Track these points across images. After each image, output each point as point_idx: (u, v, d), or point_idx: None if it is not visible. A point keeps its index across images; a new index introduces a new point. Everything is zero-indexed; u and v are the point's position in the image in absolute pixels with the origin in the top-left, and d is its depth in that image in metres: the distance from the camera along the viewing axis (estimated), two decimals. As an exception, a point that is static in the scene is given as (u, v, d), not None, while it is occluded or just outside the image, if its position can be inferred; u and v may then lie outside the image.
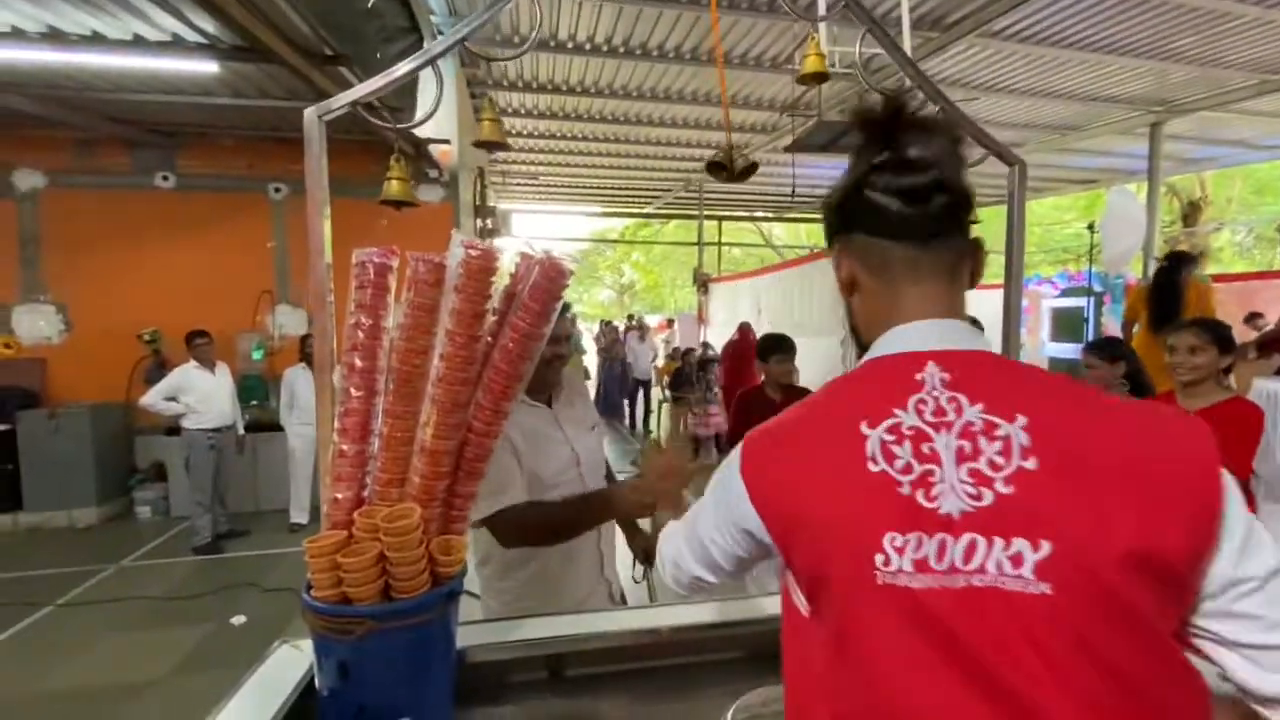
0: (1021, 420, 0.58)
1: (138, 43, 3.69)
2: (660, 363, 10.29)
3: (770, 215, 15.73)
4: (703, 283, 11.69)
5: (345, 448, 1.02)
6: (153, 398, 4.67)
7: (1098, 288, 9.63)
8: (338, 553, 0.92)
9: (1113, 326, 7.88)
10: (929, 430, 0.59)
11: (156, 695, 2.93)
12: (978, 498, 0.56)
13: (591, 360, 12.25)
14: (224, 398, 4.86)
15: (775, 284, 9.55)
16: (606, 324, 11.86)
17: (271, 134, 5.68)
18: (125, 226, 5.82)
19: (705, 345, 10.19)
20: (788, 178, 8.28)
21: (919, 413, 0.60)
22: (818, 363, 7.87)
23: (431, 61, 1.05)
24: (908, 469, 0.58)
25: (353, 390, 1.02)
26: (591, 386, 11.39)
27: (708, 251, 13.06)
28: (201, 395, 4.72)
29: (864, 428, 0.60)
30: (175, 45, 3.72)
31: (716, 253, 15.13)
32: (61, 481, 5.28)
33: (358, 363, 1.02)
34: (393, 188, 1.12)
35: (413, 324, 0.99)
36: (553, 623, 1.27)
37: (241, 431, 5.08)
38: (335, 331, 1.08)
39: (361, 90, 1.04)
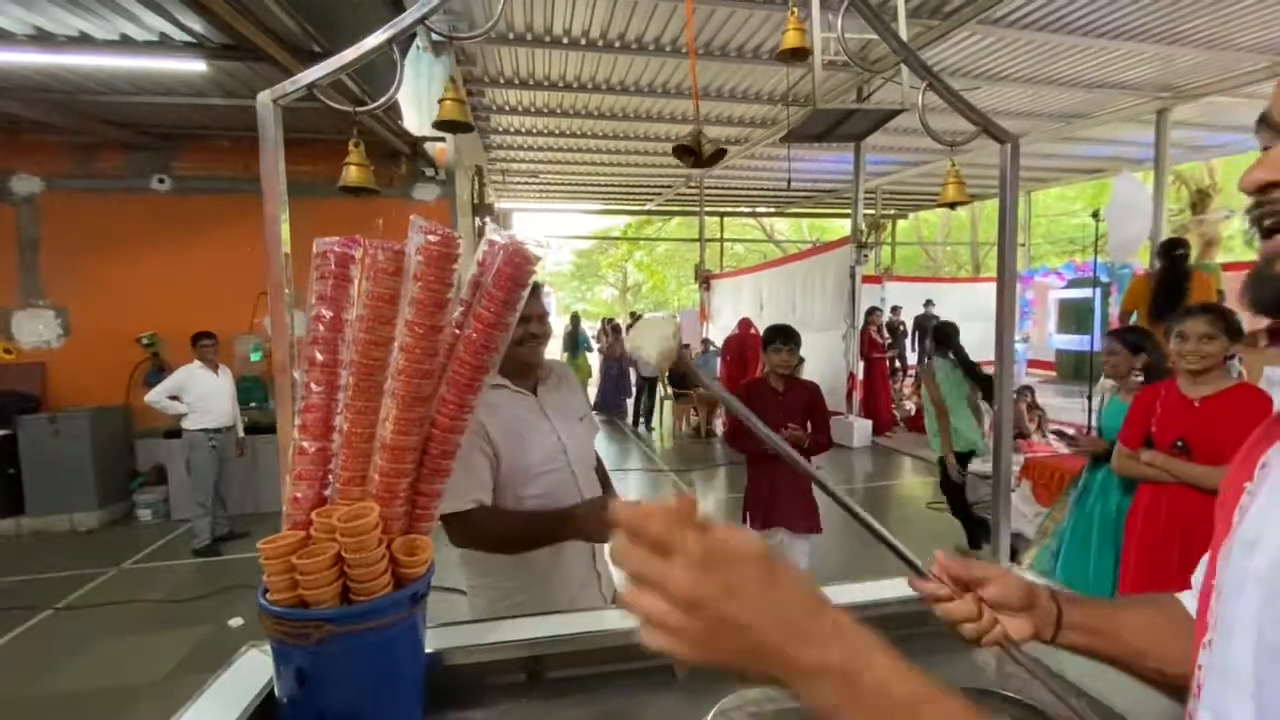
0: None
1: (125, 43, 3.68)
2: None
3: (772, 210, 15.66)
4: (704, 279, 11.64)
5: (306, 445, 0.98)
6: (156, 395, 4.71)
7: (1104, 278, 9.52)
8: (293, 554, 0.88)
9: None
10: None
11: (155, 698, 2.92)
12: None
13: (594, 358, 12.20)
14: (224, 399, 4.87)
15: (778, 278, 9.50)
16: (608, 321, 11.82)
17: (267, 134, 5.65)
18: (123, 230, 5.82)
19: (706, 342, 10.15)
20: (788, 171, 8.22)
21: None
22: (820, 356, 7.82)
23: (391, 42, 1.01)
24: None
25: (313, 385, 0.98)
26: (593, 385, 11.35)
27: (710, 248, 13.01)
28: (202, 395, 4.74)
29: None
30: (163, 45, 3.70)
31: (719, 249, 15.08)
32: (63, 485, 5.28)
33: (318, 356, 0.98)
34: (351, 173, 1.08)
35: (373, 315, 0.95)
36: (532, 624, 1.23)
37: (242, 433, 5.08)
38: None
39: (318, 72, 1.00)
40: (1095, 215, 6.10)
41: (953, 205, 1.32)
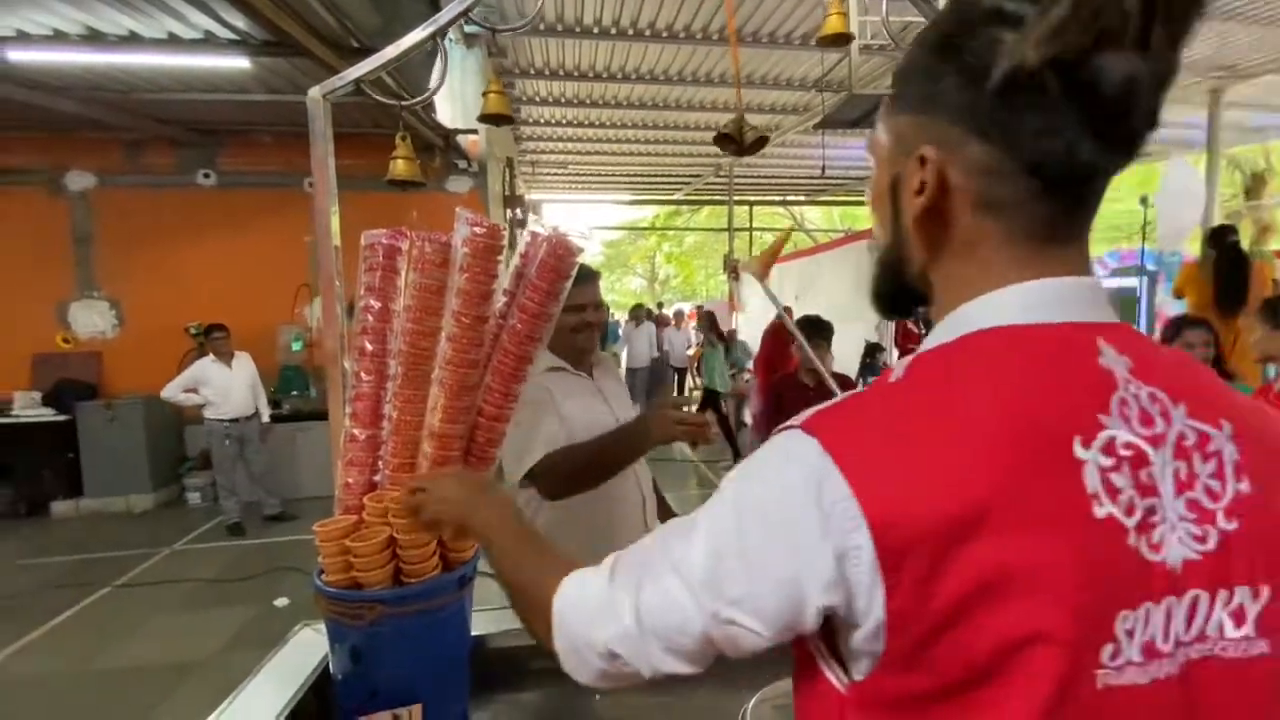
0: (1227, 427, 0.44)
1: (173, 41, 3.79)
2: (692, 350, 10.22)
3: (803, 199, 15.40)
4: (733, 269, 11.52)
5: (356, 432, 1.01)
6: (171, 390, 4.84)
7: (1151, 266, 9.15)
8: (347, 537, 0.91)
9: (1174, 306, 7.47)
10: (1146, 448, 0.42)
11: (204, 673, 3.05)
12: (1202, 539, 0.42)
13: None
14: (240, 390, 4.96)
15: (809, 268, 9.35)
16: (639, 307, 11.83)
17: (306, 129, 5.77)
18: (171, 224, 6.02)
19: (732, 333, 10.05)
20: (819, 159, 8.09)
21: (1125, 420, 0.42)
22: (855, 347, 7.69)
23: (433, 36, 1.02)
24: (1130, 509, 0.41)
25: (363, 374, 1.01)
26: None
27: (739, 237, 12.88)
28: (217, 387, 4.87)
29: (1078, 448, 0.41)
30: (208, 43, 3.81)
31: (748, 239, 14.92)
32: (118, 469, 5.53)
33: (368, 346, 1.01)
34: (398, 167, 1.10)
35: (420, 305, 0.97)
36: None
37: (266, 420, 5.17)
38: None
39: (365, 67, 1.02)
40: (1144, 201, 5.87)
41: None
